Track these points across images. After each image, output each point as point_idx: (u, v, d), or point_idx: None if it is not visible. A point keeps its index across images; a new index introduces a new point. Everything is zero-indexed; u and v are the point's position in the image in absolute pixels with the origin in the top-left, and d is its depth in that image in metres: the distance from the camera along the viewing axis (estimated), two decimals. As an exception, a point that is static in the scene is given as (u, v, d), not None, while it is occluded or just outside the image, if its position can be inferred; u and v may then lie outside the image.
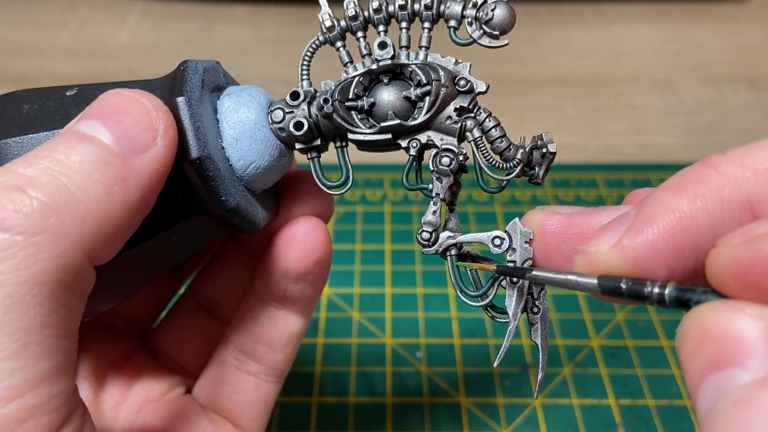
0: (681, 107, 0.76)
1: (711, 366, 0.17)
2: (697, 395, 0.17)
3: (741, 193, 0.20)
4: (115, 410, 0.34)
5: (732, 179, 0.20)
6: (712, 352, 0.17)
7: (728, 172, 0.20)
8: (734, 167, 0.20)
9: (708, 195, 0.20)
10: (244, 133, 0.28)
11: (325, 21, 0.28)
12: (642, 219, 0.21)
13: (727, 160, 0.20)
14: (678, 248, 0.20)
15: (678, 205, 0.20)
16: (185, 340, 0.36)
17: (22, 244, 0.20)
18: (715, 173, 0.20)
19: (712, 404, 0.17)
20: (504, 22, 0.27)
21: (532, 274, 0.25)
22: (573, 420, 0.46)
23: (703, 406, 0.17)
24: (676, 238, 0.20)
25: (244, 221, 0.28)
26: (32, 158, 0.22)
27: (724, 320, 0.17)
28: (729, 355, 0.17)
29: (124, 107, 0.24)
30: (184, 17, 0.91)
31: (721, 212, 0.20)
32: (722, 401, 0.16)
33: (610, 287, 0.21)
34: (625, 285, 0.20)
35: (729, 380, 0.16)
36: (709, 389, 0.17)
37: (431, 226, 0.28)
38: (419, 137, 0.28)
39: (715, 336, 0.17)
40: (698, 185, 0.20)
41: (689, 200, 0.20)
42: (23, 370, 0.20)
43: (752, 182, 0.20)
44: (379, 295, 0.55)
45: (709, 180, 0.20)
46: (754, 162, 0.20)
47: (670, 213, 0.20)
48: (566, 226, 0.25)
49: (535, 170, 0.28)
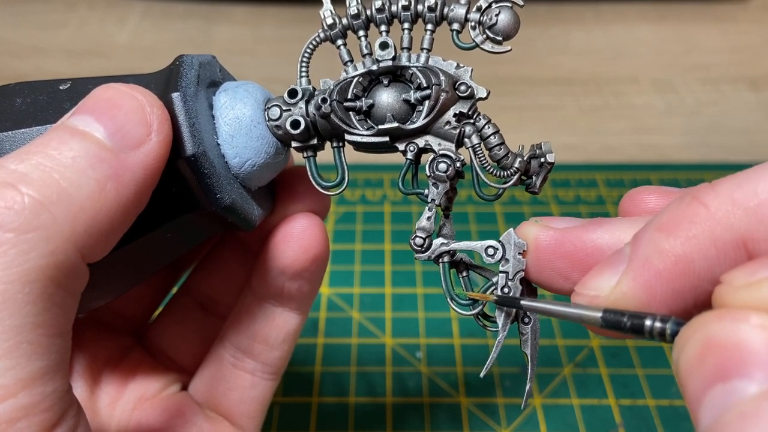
0: (681, 107, 0.76)
1: (715, 377, 0.16)
2: (699, 407, 0.17)
3: (733, 233, 0.19)
4: (110, 408, 0.34)
5: (723, 219, 0.20)
6: (716, 362, 0.16)
7: (719, 211, 0.20)
8: (725, 205, 0.20)
9: (700, 236, 0.20)
10: (240, 129, 0.27)
11: (326, 18, 0.28)
12: (638, 263, 0.21)
13: (716, 196, 0.20)
14: (676, 291, 0.20)
15: (672, 248, 0.20)
16: (181, 337, 0.36)
17: (13, 241, 0.20)
18: (705, 211, 0.20)
19: (716, 417, 0.16)
20: (508, 27, 0.26)
21: (532, 305, 0.25)
22: (573, 420, 0.46)
23: (706, 419, 0.16)
24: (674, 282, 0.20)
25: (240, 219, 0.28)
26: (24, 154, 0.22)
27: (727, 330, 0.17)
28: (734, 365, 0.16)
29: (118, 102, 0.23)
30: (184, 17, 0.91)
31: (715, 253, 0.20)
32: (728, 413, 0.16)
33: (613, 321, 0.21)
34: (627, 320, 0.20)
35: (735, 392, 0.16)
36: (713, 401, 0.16)
37: (425, 231, 0.28)
38: (417, 141, 0.28)
39: (719, 346, 0.17)
40: (689, 226, 0.20)
41: (682, 243, 0.20)
42: (15, 369, 0.20)
43: (744, 221, 0.19)
44: (379, 295, 0.55)
45: (700, 220, 0.20)
46: (743, 198, 0.19)
47: (665, 257, 0.20)
48: (559, 242, 0.25)
49: (532, 179, 0.28)
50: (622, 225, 0.24)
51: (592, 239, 0.24)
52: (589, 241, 0.24)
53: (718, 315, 0.17)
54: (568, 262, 0.25)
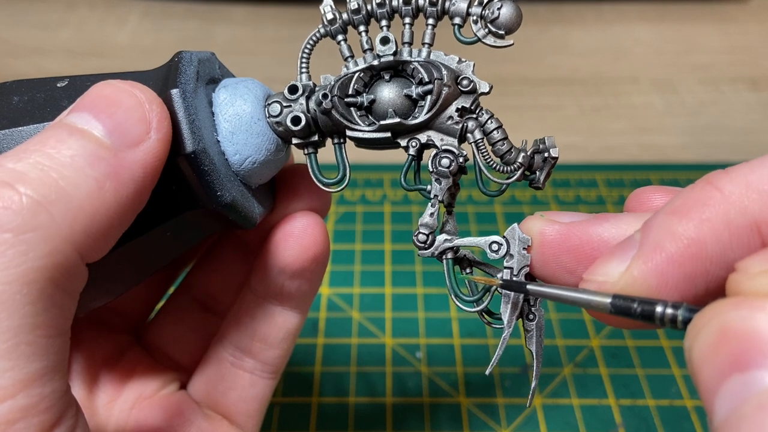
0: (681, 107, 0.76)
1: (731, 367, 0.16)
2: (714, 398, 0.16)
3: (747, 216, 0.19)
4: (108, 407, 0.34)
5: (737, 202, 0.19)
6: (733, 352, 0.16)
7: (733, 194, 0.19)
8: (739, 188, 0.19)
9: (714, 219, 0.19)
10: (241, 126, 0.27)
11: (326, 13, 0.28)
12: (649, 246, 0.20)
13: (730, 180, 0.20)
14: (688, 275, 0.20)
15: (684, 231, 0.20)
16: (180, 336, 0.36)
17: (11, 242, 0.19)
18: (719, 195, 0.20)
19: (733, 408, 0.16)
20: (510, 21, 0.26)
21: (539, 290, 0.24)
22: (573, 420, 0.46)
23: (722, 410, 0.16)
24: (686, 266, 0.20)
25: (240, 217, 0.27)
26: (22, 152, 0.21)
27: (745, 318, 0.16)
28: (752, 355, 0.16)
29: (117, 99, 0.23)
30: (184, 17, 0.91)
31: (729, 237, 0.19)
32: (746, 405, 0.15)
33: (623, 307, 0.20)
34: (638, 306, 0.20)
35: (753, 382, 0.15)
36: (730, 392, 0.16)
37: (428, 228, 0.28)
38: (419, 137, 0.28)
39: (736, 335, 0.16)
40: (703, 209, 0.20)
41: (695, 225, 0.20)
42: (14, 370, 0.19)
43: (758, 204, 0.19)
44: (379, 295, 0.55)
45: (714, 203, 0.20)
46: (758, 182, 0.19)
47: (678, 240, 0.20)
48: (565, 236, 0.25)
49: (536, 174, 0.28)
50: (629, 219, 0.24)
51: (598, 233, 0.24)
52: (595, 235, 0.24)
53: (735, 303, 0.17)
54: (573, 257, 0.24)
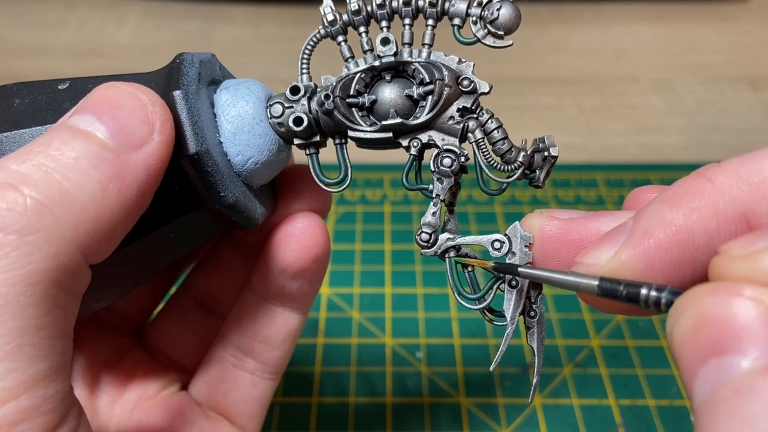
0: (681, 107, 0.76)
1: (709, 352, 0.16)
2: (693, 381, 0.17)
3: (736, 206, 0.20)
4: (110, 408, 0.34)
5: (727, 192, 0.20)
6: (710, 337, 0.16)
7: (723, 185, 0.20)
8: (729, 180, 0.20)
9: (703, 208, 0.20)
10: (243, 127, 0.27)
11: (327, 14, 0.28)
12: (639, 233, 0.21)
13: (722, 172, 0.20)
14: (675, 262, 0.20)
15: (673, 218, 0.20)
16: (181, 336, 0.36)
17: (15, 243, 0.20)
18: (710, 185, 0.20)
19: (710, 392, 0.16)
20: (509, 22, 0.26)
21: (529, 272, 0.25)
22: (573, 420, 0.46)
23: (700, 393, 0.17)
24: (673, 252, 0.20)
25: (243, 217, 0.28)
26: (26, 154, 0.21)
27: (721, 304, 0.17)
28: (727, 340, 0.16)
29: (120, 101, 0.23)
30: (184, 17, 0.91)
31: (716, 226, 0.20)
32: (722, 389, 0.16)
33: (609, 289, 0.21)
34: (624, 288, 0.20)
35: (728, 367, 0.16)
36: (708, 376, 0.16)
37: (431, 227, 0.28)
38: (420, 137, 0.28)
39: (713, 320, 0.17)
40: (693, 198, 0.20)
41: (684, 214, 0.20)
42: (17, 371, 0.19)
43: (747, 195, 0.20)
44: (379, 295, 0.55)
45: (704, 193, 0.20)
46: (749, 174, 0.20)
47: (666, 227, 0.20)
48: (565, 231, 0.25)
49: (536, 173, 0.28)
50: (628, 215, 0.24)
51: (597, 228, 0.24)
52: (594, 230, 0.24)
53: (713, 288, 0.17)
54: (573, 251, 0.25)
